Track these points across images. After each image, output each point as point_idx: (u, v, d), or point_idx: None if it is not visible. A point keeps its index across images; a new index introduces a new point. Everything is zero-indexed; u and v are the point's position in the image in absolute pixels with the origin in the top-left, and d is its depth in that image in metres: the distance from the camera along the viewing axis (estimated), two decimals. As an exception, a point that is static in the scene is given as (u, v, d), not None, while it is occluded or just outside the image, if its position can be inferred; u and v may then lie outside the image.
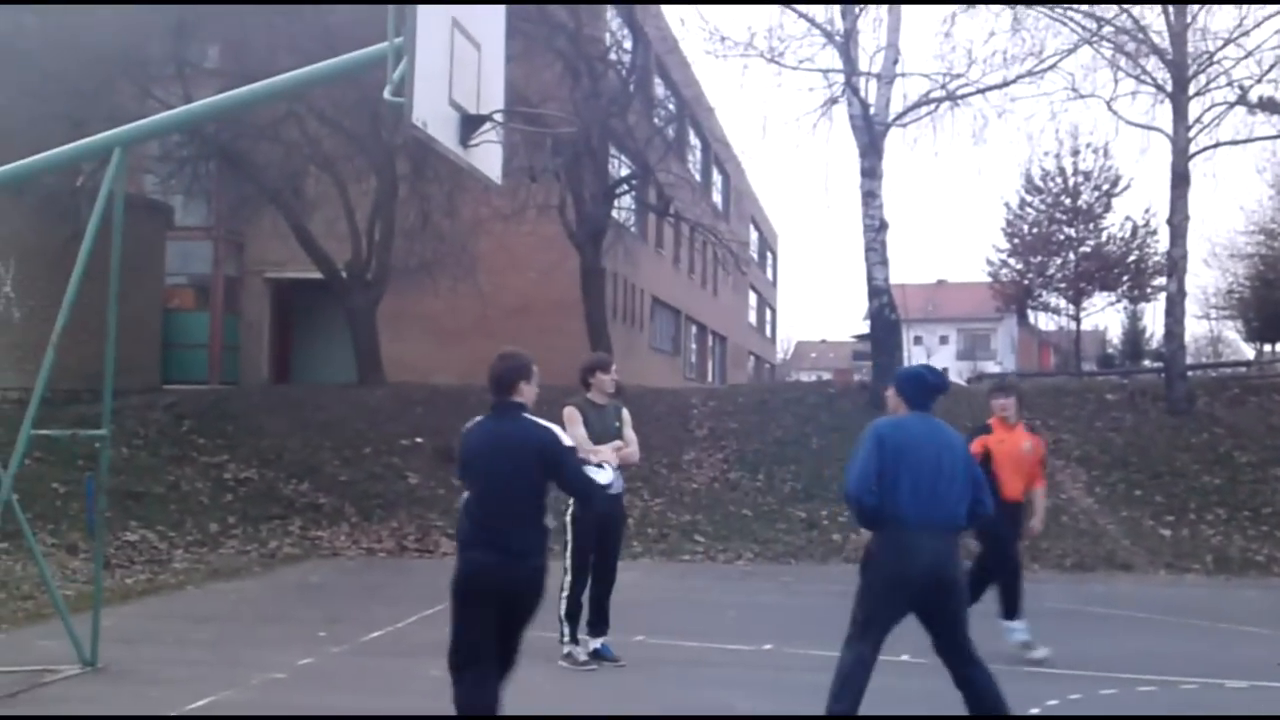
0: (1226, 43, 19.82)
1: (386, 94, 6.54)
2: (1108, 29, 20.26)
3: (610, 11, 23.77)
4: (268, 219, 22.82)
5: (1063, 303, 46.17)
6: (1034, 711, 6.62)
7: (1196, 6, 19.69)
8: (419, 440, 17.96)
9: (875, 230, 19.84)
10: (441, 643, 5.37)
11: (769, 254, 60.72)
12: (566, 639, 7.67)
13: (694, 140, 36.80)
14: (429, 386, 21.03)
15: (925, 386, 5.88)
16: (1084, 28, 20.30)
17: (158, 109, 15.82)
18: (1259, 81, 19.89)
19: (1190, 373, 23.61)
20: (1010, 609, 8.24)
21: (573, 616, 7.69)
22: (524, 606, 5.45)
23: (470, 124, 7.06)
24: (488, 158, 7.50)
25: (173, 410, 18.70)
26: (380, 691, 7.20)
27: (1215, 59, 19.98)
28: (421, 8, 6.44)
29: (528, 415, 5.63)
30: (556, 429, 5.66)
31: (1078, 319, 46.39)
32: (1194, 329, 60.91)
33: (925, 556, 5.49)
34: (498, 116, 7.30)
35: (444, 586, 11.09)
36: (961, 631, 5.58)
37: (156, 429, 17.79)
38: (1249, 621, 10.30)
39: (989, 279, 49.12)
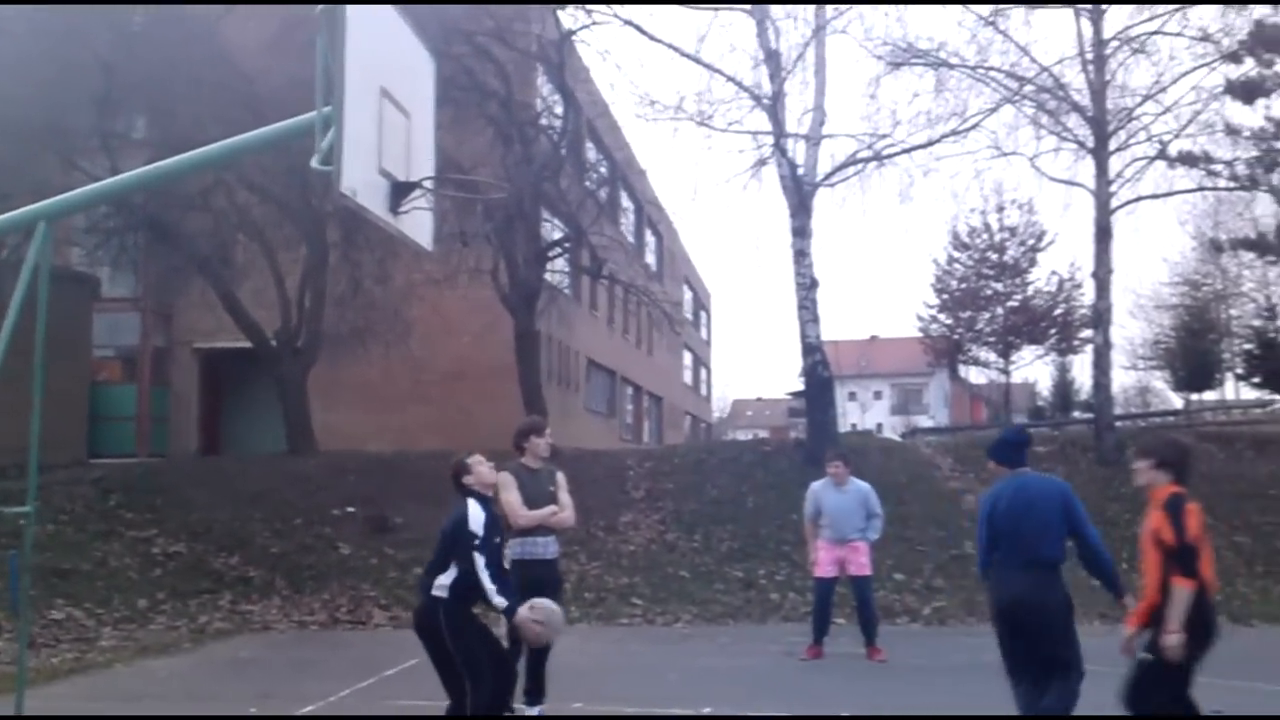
0: (1145, 99, 20.39)
1: (314, 163, 6.53)
2: (1029, 88, 20.80)
3: (541, 77, 23.98)
4: (196, 289, 22.59)
5: (993, 356, 46.83)
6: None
7: (1115, 64, 20.28)
8: (351, 510, 17.75)
9: (806, 288, 20.06)
10: (374, 716, 5.30)
11: (703, 313, 61.10)
12: (504, 708, 7.57)
13: (626, 202, 37.08)
14: (362, 455, 20.84)
15: (1009, 446, 6.88)
16: (1005, 87, 20.83)
17: (84, 181, 15.66)
18: (1178, 136, 20.48)
19: (1119, 423, 24.03)
20: None
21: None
22: (426, 635, 6.88)
23: (400, 191, 7.06)
24: (418, 225, 7.51)
25: (100, 485, 18.34)
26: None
27: (1135, 115, 20.54)
28: (350, 76, 6.45)
29: (467, 498, 6.89)
30: (472, 512, 6.77)
31: (1007, 372, 47.06)
32: (1122, 380, 61.99)
33: (1009, 588, 6.47)
34: (428, 183, 7.32)
35: (377, 659, 10.90)
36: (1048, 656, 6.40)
37: (83, 504, 17.42)
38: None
39: (920, 334, 49.81)
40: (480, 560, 6.64)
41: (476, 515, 6.74)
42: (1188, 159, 20.59)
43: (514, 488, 7.64)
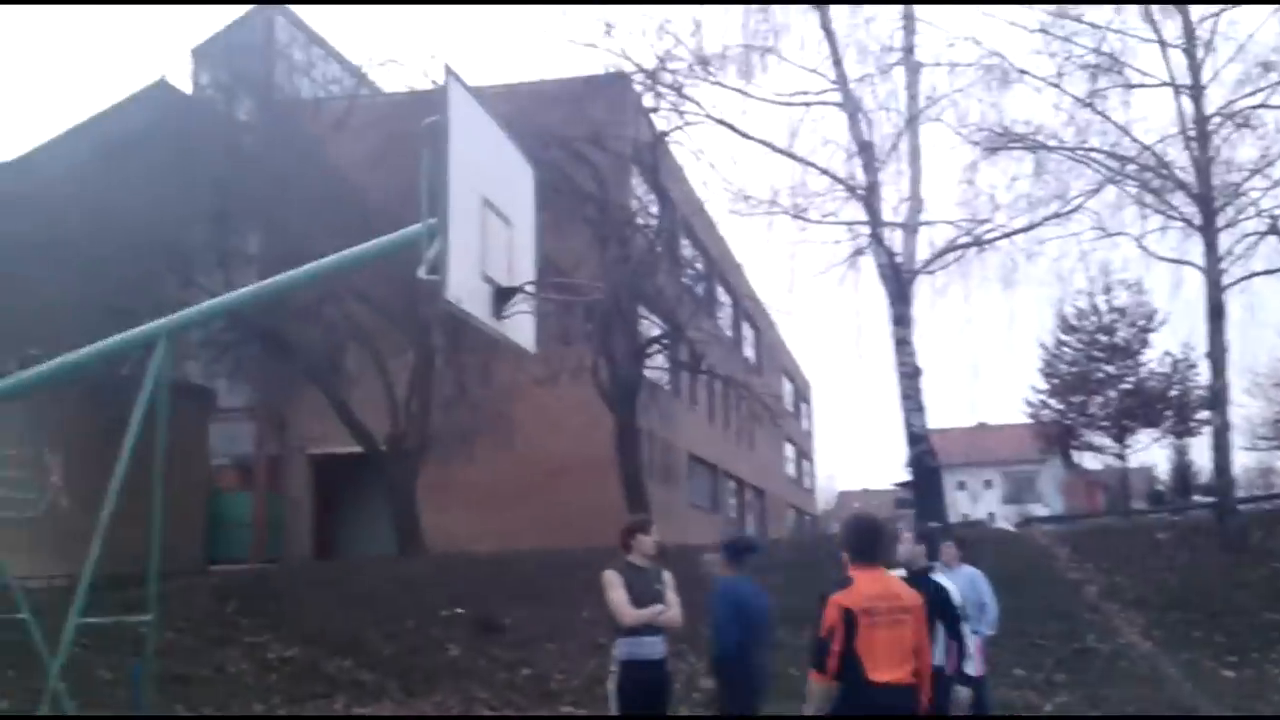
0: (1253, 174, 19.92)
1: (422, 272, 6.69)
2: (1131, 167, 20.46)
3: (636, 178, 24.35)
4: (308, 396, 23.08)
5: (1107, 441, 45.76)
6: None
7: (1219, 140, 19.89)
8: (459, 610, 17.81)
9: (909, 377, 19.90)
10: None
11: (803, 404, 60.74)
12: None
13: (723, 297, 37.23)
14: (469, 555, 20.94)
15: (747, 551, 8.54)
16: (1107, 167, 20.51)
17: (200, 296, 16.21)
18: (1288, 210, 19.96)
19: (1243, 506, 23.20)
20: None
21: (624, 788, 7.51)
22: None
23: (503, 296, 7.21)
24: (521, 327, 7.64)
25: (217, 591, 18.64)
26: None
27: (1242, 190, 20.07)
28: (454, 188, 6.64)
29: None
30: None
31: (1123, 456, 45.88)
32: (1243, 460, 60.01)
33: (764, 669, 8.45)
34: (529, 288, 7.46)
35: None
36: None
37: (201, 611, 17.69)
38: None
39: (1030, 420, 48.87)
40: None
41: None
42: (1298, 233, 20.07)
43: (620, 586, 7.60)
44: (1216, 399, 20.13)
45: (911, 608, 5.68)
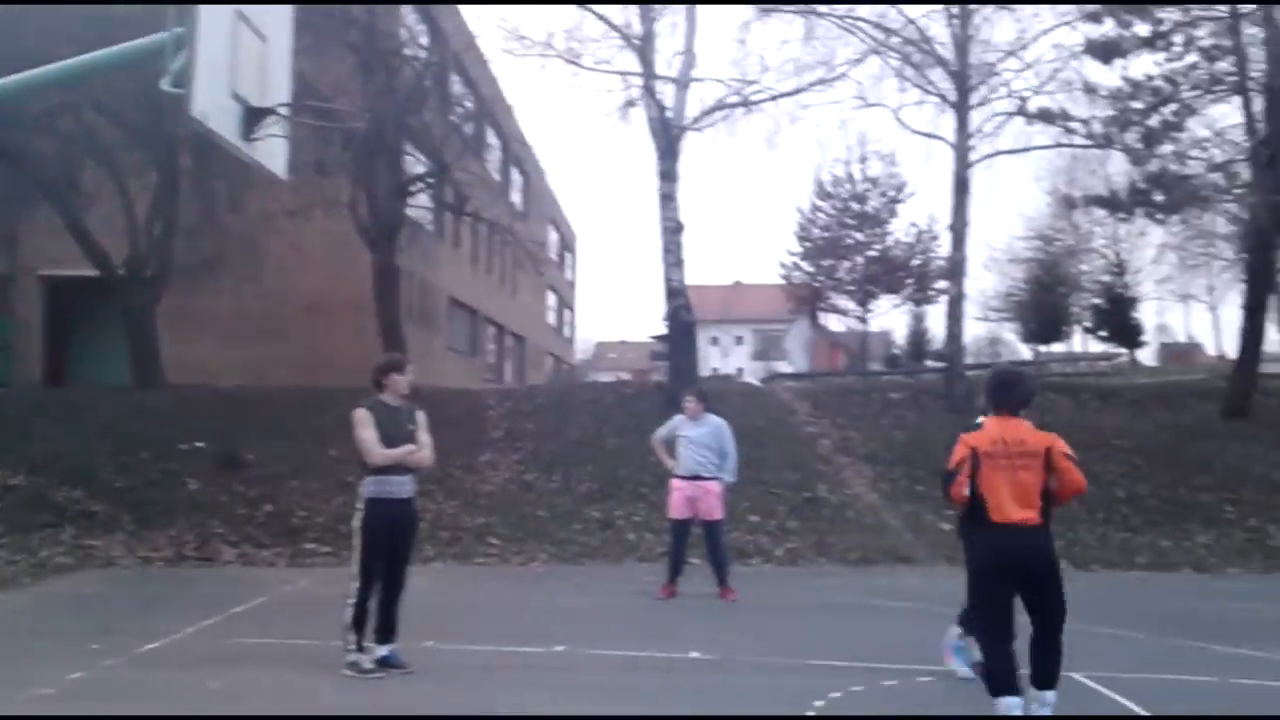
0: (1007, 55, 20.83)
1: (165, 85, 6.30)
2: (895, 40, 21.04)
3: (406, 5, 23.40)
4: (42, 214, 21.67)
5: (851, 305, 47.77)
6: (817, 704, 6.80)
7: (980, 19, 20.61)
8: (200, 445, 17.33)
9: (672, 232, 20.13)
10: (220, 654, 5.17)
11: (568, 254, 60.88)
12: (352, 647, 7.47)
13: (492, 139, 36.59)
14: (212, 389, 20.34)
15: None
16: (873, 38, 21.05)
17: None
18: (1037, 93, 20.96)
19: (970, 372, 24.68)
20: None
21: (359, 624, 7.49)
22: None
23: (254, 117, 6.86)
24: (272, 152, 7.31)
25: (-67, 414, 17.59)
26: (155, 704, 6.86)
27: (996, 71, 20.97)
28: (203, -2, 6.22)
29: None
30: None
31: (865, 320, 48.05)
32: (974, 330, 63.90)
33: None
34: (282, 110, 7.12)
35: (225, 596, 10.70)
36: None
37: (-84, 433, 16.68)
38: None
39: (782, 281, 50.49)
40: None
41: None
42: (1046, 116, 21.07)
43: (370, 425, 7.50)
44: (955, 270, 21.20)
45: (1038, 452, 6.04)
